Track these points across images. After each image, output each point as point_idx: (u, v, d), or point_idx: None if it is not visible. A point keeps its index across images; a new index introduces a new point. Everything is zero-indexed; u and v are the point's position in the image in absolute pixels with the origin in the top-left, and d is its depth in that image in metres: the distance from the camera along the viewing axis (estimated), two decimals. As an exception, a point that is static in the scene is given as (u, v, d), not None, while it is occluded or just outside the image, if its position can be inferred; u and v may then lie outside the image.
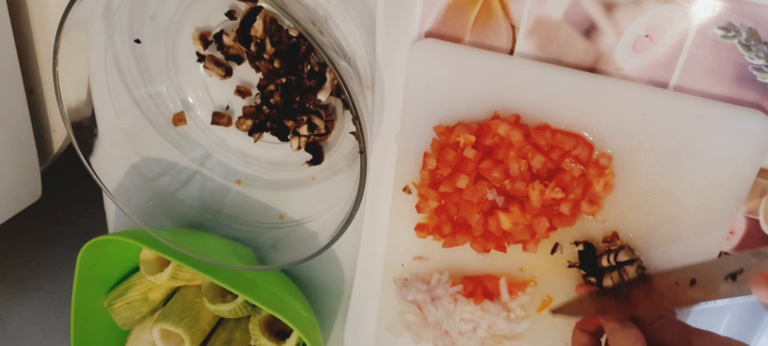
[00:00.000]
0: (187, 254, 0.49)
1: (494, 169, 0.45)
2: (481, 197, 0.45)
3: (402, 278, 0.54)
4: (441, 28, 0.45)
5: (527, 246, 0.47)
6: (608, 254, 0.46)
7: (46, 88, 0.63)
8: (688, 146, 0.42)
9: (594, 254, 0.47)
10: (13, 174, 0.61)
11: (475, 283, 0.51)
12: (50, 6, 0.58)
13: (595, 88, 0.43)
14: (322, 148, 0.52)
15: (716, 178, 0.43)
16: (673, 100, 0.42)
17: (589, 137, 0.44)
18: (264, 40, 0.47)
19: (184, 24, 0.50)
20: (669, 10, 0.40)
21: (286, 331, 0.56)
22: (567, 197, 0.45)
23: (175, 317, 0.56)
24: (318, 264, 0.59)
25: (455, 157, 0.46)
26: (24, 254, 0.81)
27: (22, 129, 0.60)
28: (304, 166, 0.53)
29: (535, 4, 0.43)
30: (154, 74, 0.52)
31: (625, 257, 0.45)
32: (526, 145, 0.44)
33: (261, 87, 0.50)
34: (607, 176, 0.44)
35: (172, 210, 0.55)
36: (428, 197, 0.48)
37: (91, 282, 0.57)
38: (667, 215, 0.45)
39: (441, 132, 0.47)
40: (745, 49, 0.40)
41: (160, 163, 0.55)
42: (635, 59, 0.43)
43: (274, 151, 0.55)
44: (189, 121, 0.55)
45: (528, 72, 0.44)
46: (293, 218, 0.56)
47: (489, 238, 0.47)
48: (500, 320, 0.50)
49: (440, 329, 0.53)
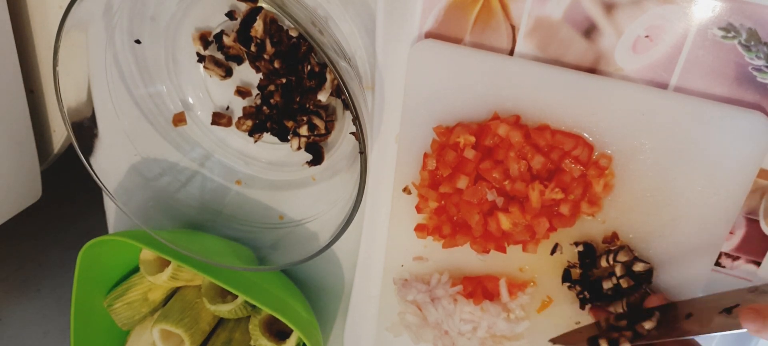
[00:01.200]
0: (187, 255, 0.49)
1: (494, 169, 0.45)
2: (480, 198, 0.45)
3: (402, 279, 0.54)
4: (441, 29, 0.45)
5: (527, 247, 0.47)
6: (607, 255, 0.46)
7: (46, 89, 0.63)
8: (687, 147, 0.42)
9: (594, 255, 0.47)
10: (13, 174, 0.61)
11: (474, 283, 0.51)
12: (50, 6, 0.58)
13: (595, 89, 0.43)
14: (322, 148, 0.52)
15: (716, 178, 0.43)
16: (673, 101, 0.42)
17: (589, 138, 0.44)
18: (264, 41, 0.47)
19: (184, 24, 0.50)
20: (669, 10, 0.40)
21: (286, 331, 0.56)
22: (567, 198, 0.45)
23: (175, 317, 0.56)
24: (318, 264, 0.59)
25: (455, 158, 0.46)
26: (24, 255, 0.81)
27: (22, 129, 0.60)
28: (304, 167, 0.53)
29: (535, 4, 0.43)
30: (154, 74, 0.52)
31: (624, 258, 0.45)
32: (526, 145, 0.44)
33: (261, 87, 0.50)
34: (606, 176, 0.44)
35: (172, 210, 0.55)
36: (428, 198, 0.48)
37: (91, 282, 0.57)
38: (667, 216, 0.45)
39: (441, 132, 0.47)
40: (745, 50, 0.40)
41: (160, 164, 0.55)
42: (635, 60, 0.43)
43: (274, 152, 0.55)
44: (189, 121, 0.55)
45: (528, 73, 0.44)
46: (293, 219, 0.56)
47: (489, 238, 0.47)
48: (500, 320, 0.51)
49: (440, 329, 0.53)
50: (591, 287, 0.47)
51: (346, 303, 0.59)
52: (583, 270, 0.47)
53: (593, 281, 0.47)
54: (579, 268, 0.47)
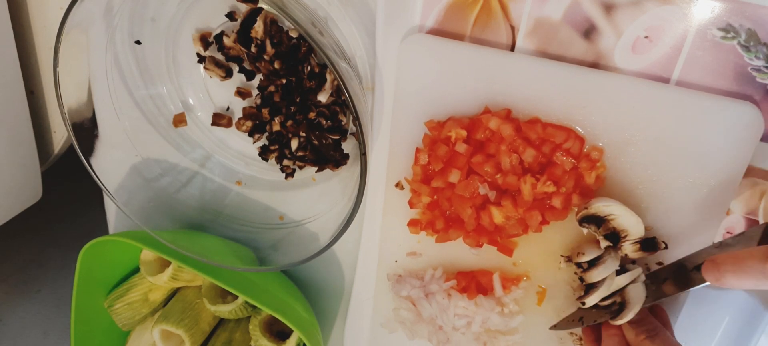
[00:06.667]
0: (188, 255, 0.49)
1: (486, 163, 0.45)
2: (473, 192, 0.45)
3: (396, 274, 0.54)
4: (441, 29, 0.46)
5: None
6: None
7: (46, 89, 0.63)
8: (679, 139, 0.43)
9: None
10: (13, 175, 0.61)
11: (468, 278, 0.51)
12: (51, 7, 0.58)
13: (586, 82, 0.43)
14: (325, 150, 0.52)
15: (708, 170, 0.43)
16: (664, 93, 0.42)
17: (581, 130, 0.44)
18: (264, 42, 0.47)
19: (185, 25, 0.50)
20: (668, 11, 0.40)
21: (286, 331, 0.56)
22: (559, 191, 0.45)
23: (175, 317, 0.56)
24: (318, 265, 0.59)
25: (447, 152, 0.46)
26: (24, 255, 0.81)
27: (22, 130, 0.60)
28: (304, 167, 0.53)
29: (535, 5, 0.43)
30: (154, 75, 0.52)
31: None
32: (517, 139, 0.44)
33: (261, 88, 0.50)
34: (598, 169, 0.44)
35: (172, 211, 0.55)
36: (420, 193, 0.48)
37: (91, 283, 0.57)
38: (660, 208, 0.45)
39: (432, 127, 0.47)
40: (745, 50, 0.40)
41: (160, 164, 0.55)
42: (635, 60, 0.43)
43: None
44: (189, 122, 0.55)
45: (519, 66, 0.44)
46: (293, 219, 0.56)
47: (482, 232, 0.47)
48: (494, 315, 0.51)
49: (434, 324, 0.53)
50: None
51: (346, 303, 0.59)
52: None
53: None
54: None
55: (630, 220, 0.43)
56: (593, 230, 0.44)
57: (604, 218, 0.43)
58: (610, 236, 0.44)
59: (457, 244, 0.49)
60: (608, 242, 0.44)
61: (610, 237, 0.44)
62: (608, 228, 0.44)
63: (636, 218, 0.43)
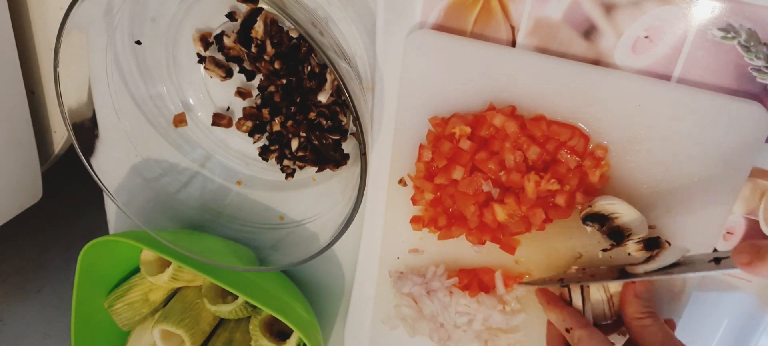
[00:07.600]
0: (188, 255, 0.49)
1: (490, 160, 0.45)
2: (476, 189, 0.45)
3: (397, 271, 0.54)
4: (441, 29, 0.46)
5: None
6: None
7: (46, 89, 0.63)
8: (684, 137, 0.42)
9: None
10: (13, 175, 0.61)
11: (470, 275, 0.51)
12: (51, 7, 0.58)
13: (591, 80, 0.43)
14: (325, 150, 0.52)
15: (713, 168, 0.43)
16: (669, 91, 0.42)
17: (585, 128, 0.44)
18: (264, 42, 0.47)
19: (185, 25, 0.50)
20: (668, 11, 0.40)
21: (286, 331, 0.56)
22: (563, 189, 0.45)
23: (175, 317, 0.56)
24: (318, 265, 0.59)
25: (450, 149, 0.46)
26: (25, 255, 0.81)
27: (22, 130, 0.60)
28: (304, 167, 0.53)
29: (535, 5, 0.43)
30: (154, 75, 0.52)
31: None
32: (522, 136, 0.44)
33: (261, 88, 0.50)
34: (602, 167, 0.44)
35: (172, 211, 0.55)
36: (424, 189, 0.48)
37: (91, 283, 0.57)
38: (664, 206, 0.45)
39: (436, 123, 0.47)
40: (745, 50, 0.40)
41: (160, 164, 0.55)
42: (635, 60, 0.43)
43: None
44: (189, 122, 0.55)
45: (523, 63, 0.44)
46: (293, 219, 0.56)
47: (484, 230, 0.47)
48: (496, 312, 0.50)
49: (436, 322, 0.53)
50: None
51: (346, 303, 0.59)
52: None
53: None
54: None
55: (634, 218, 0.43)
56: (597, 229, 0.44)
57: (608, 216, 0.43)
58: (614, 235, 0.44)
59: (460, 241, 0.49)
60: (611, 240, 0.44)
61: (613, 236, 0.44)
62: (612, 226, 0.43)
63: (640, 216, 0.43)
